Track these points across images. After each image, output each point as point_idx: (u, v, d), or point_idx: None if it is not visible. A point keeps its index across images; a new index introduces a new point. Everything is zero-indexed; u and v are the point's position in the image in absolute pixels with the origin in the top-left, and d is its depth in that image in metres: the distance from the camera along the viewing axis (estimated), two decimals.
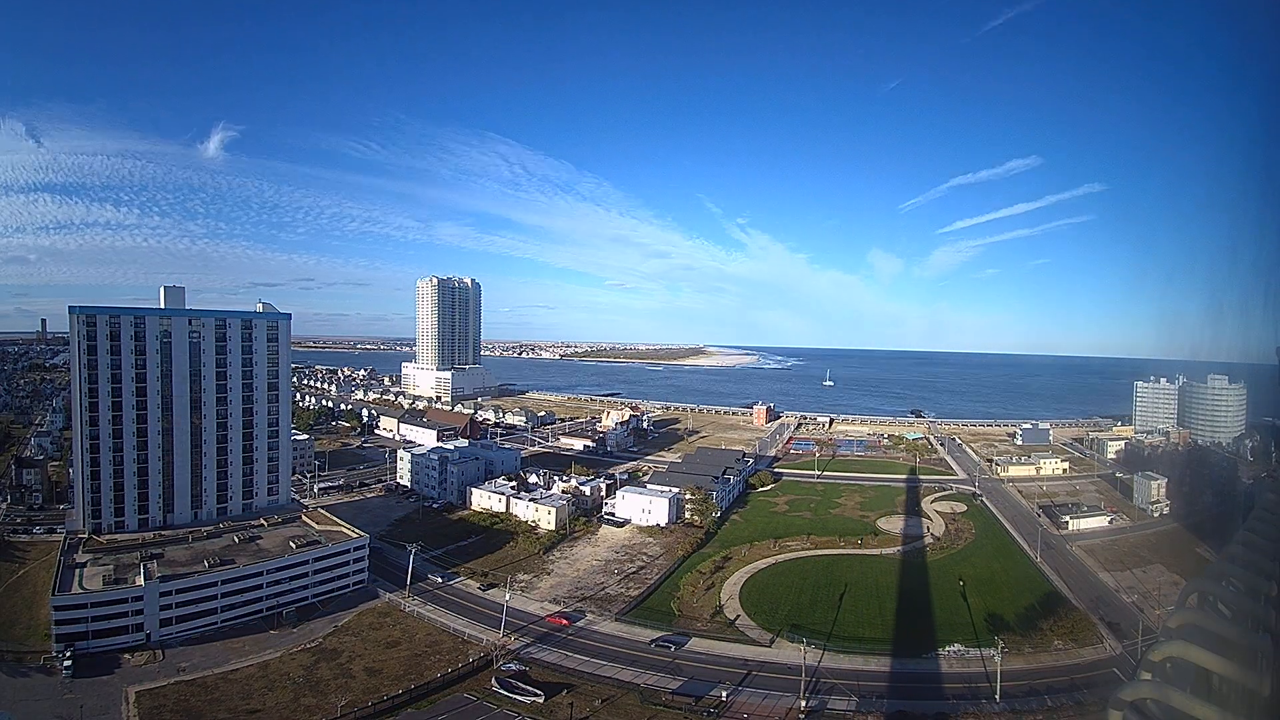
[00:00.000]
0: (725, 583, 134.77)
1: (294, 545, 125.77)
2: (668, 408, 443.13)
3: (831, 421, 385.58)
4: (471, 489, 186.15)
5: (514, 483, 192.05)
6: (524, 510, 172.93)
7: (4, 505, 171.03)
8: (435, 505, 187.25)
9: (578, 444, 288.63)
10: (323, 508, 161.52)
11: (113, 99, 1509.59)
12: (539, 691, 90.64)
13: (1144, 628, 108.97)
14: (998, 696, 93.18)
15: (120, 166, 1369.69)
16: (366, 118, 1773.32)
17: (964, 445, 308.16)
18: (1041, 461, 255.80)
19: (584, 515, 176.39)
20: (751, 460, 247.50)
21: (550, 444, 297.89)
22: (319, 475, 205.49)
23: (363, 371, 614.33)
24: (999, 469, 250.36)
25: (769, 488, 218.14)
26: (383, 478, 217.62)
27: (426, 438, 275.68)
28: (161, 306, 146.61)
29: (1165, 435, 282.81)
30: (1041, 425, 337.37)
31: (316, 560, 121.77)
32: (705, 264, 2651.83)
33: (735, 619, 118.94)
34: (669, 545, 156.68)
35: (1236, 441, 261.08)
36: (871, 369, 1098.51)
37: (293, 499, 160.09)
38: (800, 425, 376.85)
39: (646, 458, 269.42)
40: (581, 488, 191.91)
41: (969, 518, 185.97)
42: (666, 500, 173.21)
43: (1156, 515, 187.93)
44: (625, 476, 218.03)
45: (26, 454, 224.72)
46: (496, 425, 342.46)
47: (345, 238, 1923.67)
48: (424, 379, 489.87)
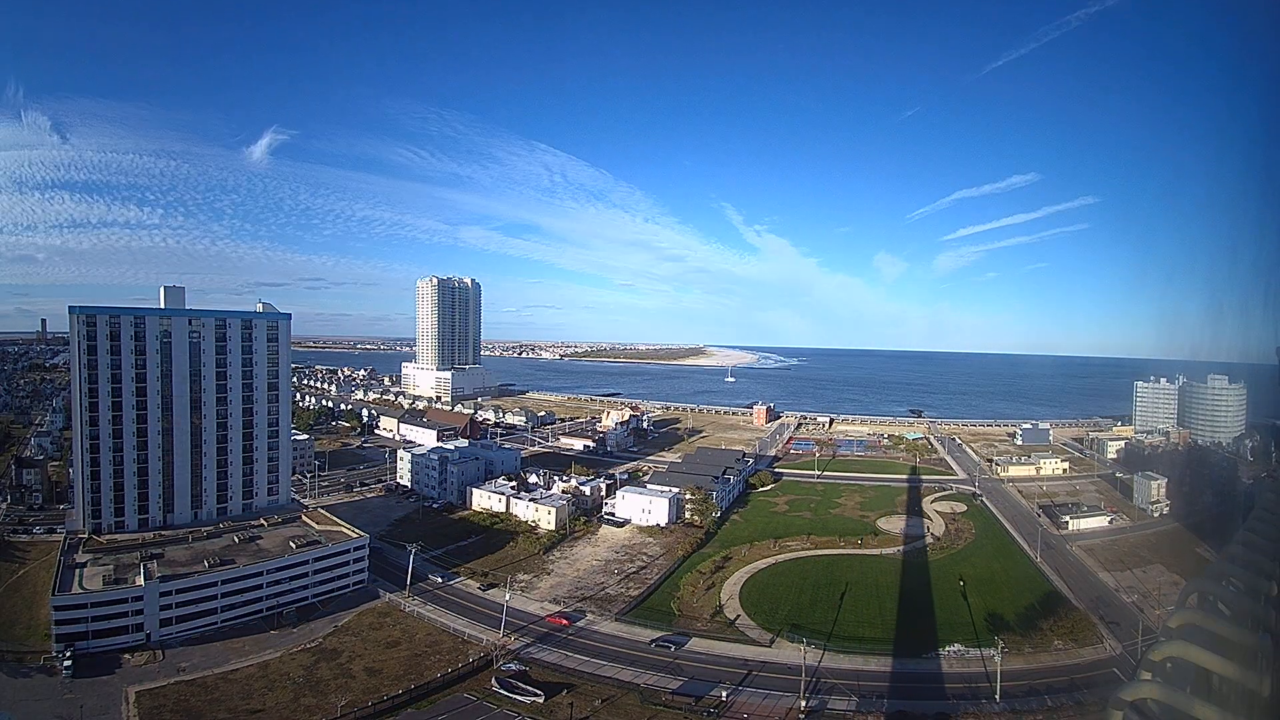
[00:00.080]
0: (725, 583, 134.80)
1: (294, 545, 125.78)
2: (668, 408, 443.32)
3: (831, 421, 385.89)
4: (471, 489, 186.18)
5: (514, 483, 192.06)
6: (524, 510, 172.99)
7: (4, 505, 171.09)
8: (435, 505, 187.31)
9: (578, 444, 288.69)
10: (323, 508, 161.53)
11: (156, 97, 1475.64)
12: (539, 691, 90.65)
13: (1144, 628, 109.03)
14: (998, 696, 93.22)
15: (152, 165, 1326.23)
16: (424, 126, 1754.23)
17: (964, 445, 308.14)
18: (1041, 461, 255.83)
19: (584, 515, 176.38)
20: (751, 460, 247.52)
21: (550, 444, 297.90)
22: (319, 475, 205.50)
23: (363, 371, 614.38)
24: (999, 469, 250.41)
25: (769, 488, 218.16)
26: (383, 478, 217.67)
27: (426, 438, 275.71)
28: (162, 306, 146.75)
29: (1165, 435, 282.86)
30: (1041, 425, 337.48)
31: (316, 560, 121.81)
32: (718, 266, 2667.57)
33: (735, 619, 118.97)
34: (669, 545, 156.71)
35: (1236, 441, 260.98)
36: (873, 369, 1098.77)
37: (293, 499, 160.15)
38: (800, 425, 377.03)
39: (647, 458, 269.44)
40: (581, 488, 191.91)
41: (969, 518, 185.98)
42: (666, 500, 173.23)
43: (1156, 515, 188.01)
44: (625, 476, 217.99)
45: (26, 454, 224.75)
46: (496, 425, 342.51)
47: (371, 240, 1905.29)
48: (424, 379, 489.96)
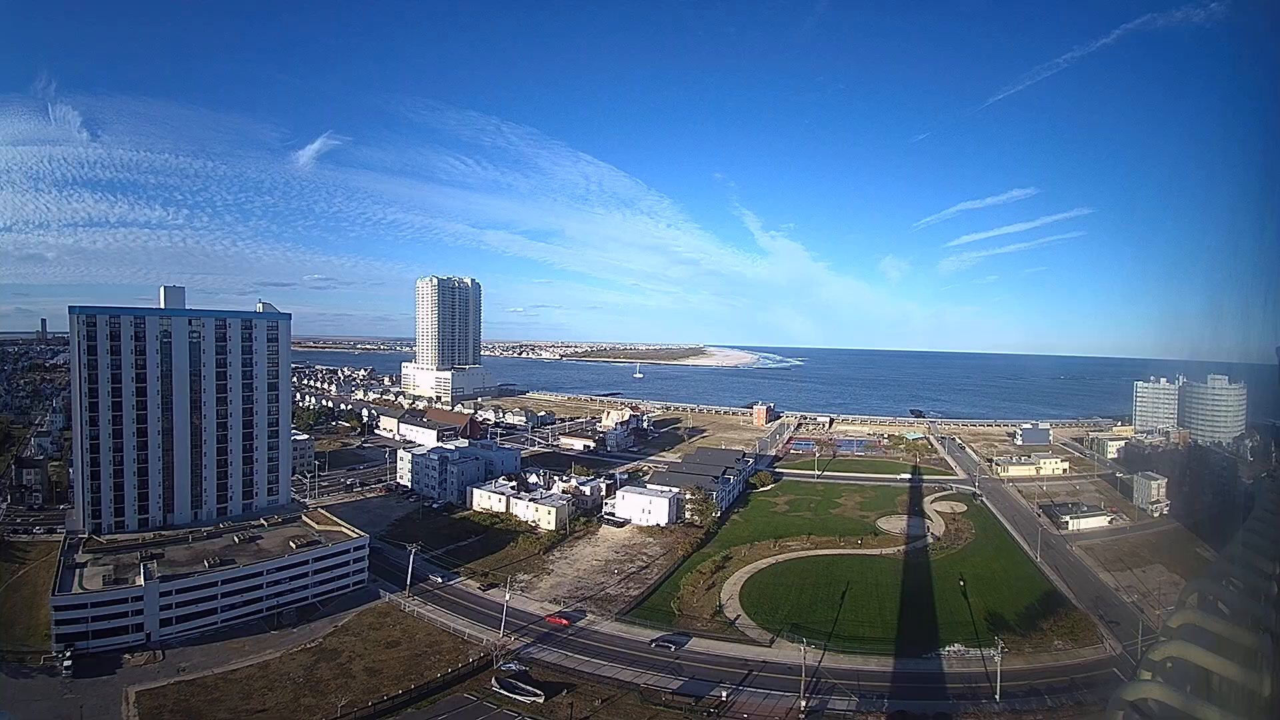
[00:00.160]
0: (725, 583, 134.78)
1: (294, 545, 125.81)
2: (668, 408, 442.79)
3: (831, 421, 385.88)
4: (472, 489, 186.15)
5: (514, 483, 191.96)
6: (524, 510, 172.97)
7: (4, 505, 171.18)
8: (435, 505, 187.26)
9: (578, 444, 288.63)
10: (323, 508, 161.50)
11: (205, 99, 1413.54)
12: (539, 691, 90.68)
13: (1144, 628, 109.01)
14: (998, 696, 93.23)
15: (188, 166, 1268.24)
16: (479, 137, 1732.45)
17: (964, 445, 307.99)
18: (1041, 461, 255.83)
19: (584, 515, 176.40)
20: (751, 460, 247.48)
21: (550, 444, 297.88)
22: (319, 475, 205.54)
23: (363, 371, 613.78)
24: (999, 469, 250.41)
25: (769, 488, 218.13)
26: (383, 478, 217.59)
27: (426, 438, 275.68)
28: (161, 306, 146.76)
29: (1165, 435, 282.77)
30: (1041, 425, 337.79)
31: (316, 560, 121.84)
32: (730, 269, 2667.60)
33: (735, 619, 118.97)
34: (669, 545, 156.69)
35: (1236, 441, 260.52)
36: (875, 368, 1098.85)
37: (293, 499, 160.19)
38: (800, 425, 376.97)
39: (647, 458, 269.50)
40: (581, 488, 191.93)
41: (969, 518, 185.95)
42: (667, 500, 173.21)
43: (1156, 515, 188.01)
44: (625, 476, 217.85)
45: (26, 454, 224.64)
46: (496, 425, 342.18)
47: (396, 242, 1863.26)
48: (424, 379, 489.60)
